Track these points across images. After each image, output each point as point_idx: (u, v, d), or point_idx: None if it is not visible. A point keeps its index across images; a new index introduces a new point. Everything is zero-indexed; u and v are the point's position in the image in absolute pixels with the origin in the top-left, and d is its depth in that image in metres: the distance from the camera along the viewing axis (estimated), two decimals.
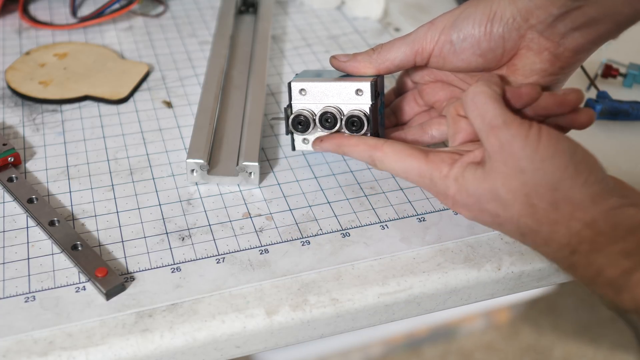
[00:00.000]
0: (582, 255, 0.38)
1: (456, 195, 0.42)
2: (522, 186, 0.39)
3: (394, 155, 0.45)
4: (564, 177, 0.38)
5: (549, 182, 0.39)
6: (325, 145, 0.49)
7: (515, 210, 0.40)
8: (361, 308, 0.43)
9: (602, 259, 0.37)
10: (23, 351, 0.39)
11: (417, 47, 0.47)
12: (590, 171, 0.39)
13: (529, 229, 0.40)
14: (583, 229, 0.38)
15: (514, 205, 0.40)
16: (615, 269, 0.36)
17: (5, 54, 0.66)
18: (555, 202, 0.39)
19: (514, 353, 1.40)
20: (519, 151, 0.39)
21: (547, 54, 0.45)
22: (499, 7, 0.45)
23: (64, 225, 0.46)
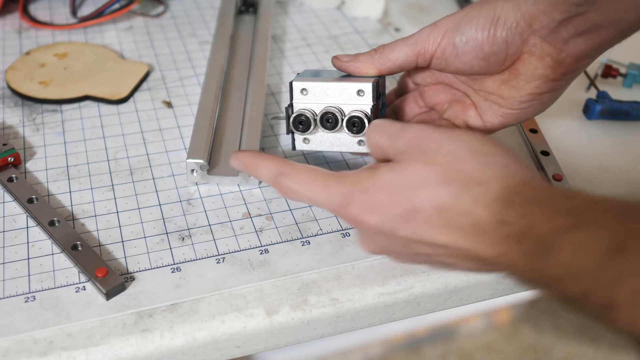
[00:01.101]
0: (515, 207, 0.35)
1: (366, 192, 0.39)
2: (445, 159, 0.38)
3: (303, 170, 0.41)
4: (489, 145, 0.38)
5: (469, 150, 0.38)
6: (238, 158, 0.45)
7: (436, 180, 0.37)
8: (361, 308, 0.43)
9: (537, 212, 0.34)
10: (23, 351, 0.39)
11: (419, 48, 0.47)
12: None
13: (450, 195, 0.36)
14: (516, 184, 0.36)
15: (435, 176, 0.37)
16: (547, 225, 0.33)
17: (5, 54, 0.66)
18: (481, 162, 0.37)
19: (514, 353, 1.40)
20: (433, 136, 0.39)
21: (549, 60, 0.45)
22: (503, 11, 0.45)
23: (64, 225, 0.46)
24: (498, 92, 0.47)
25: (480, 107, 0.49)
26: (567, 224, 0.33)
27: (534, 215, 0.34)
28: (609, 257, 0.31)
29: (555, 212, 0.33)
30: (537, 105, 0.47)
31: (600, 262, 0.31)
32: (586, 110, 0.59)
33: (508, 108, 0.47)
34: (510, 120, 0.48)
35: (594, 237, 0.31)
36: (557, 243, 0.32)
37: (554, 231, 0.33)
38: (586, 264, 0.31)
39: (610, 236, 0.31)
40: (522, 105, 0.47)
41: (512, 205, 0.35)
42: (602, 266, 0.31)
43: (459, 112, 0.50)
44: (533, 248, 0.33)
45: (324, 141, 0.50)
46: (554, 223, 0.33)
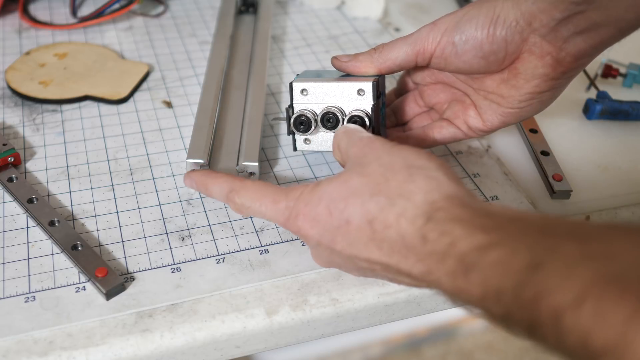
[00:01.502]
0: (437, 223, 0.34)
1: (308, 204, 0.40)
2: (379, 170, 0.38)
3: (253, 187, 0.43)
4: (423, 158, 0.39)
5: (402, 163, 0.38)
6: (191, 177, 0.47)
7: (367, 191, 0.38)
8: (361, 308, 0.43)
9: (459, 229, 0.33)
10: (23, 351, 0.39)
11: (418, 47, 0.47)
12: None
13: (378, 207, 0.37)
14: (441, 199, 0.36)
15: (366, 187, 0.38)
16: (469, 243, 0.32)
17: (5, 54, 0.66)
18: (411, 174, 0.37)
19: (514, 353, 1.40)
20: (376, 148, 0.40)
21: (549, 59, 0.45)
22: (503, 10, 0.45)
23: (64, 225, 0.46)
24: (498, 91, 0.47)
25: (480, 106, 0.49)
26: (486, 241, 0.32)
27: (454, 233, 0.34)
28: (527, 275, 0.30)
29: (475, 229, 0.33)
30: (537, 104, 0.47)
31: (519, 280, 0.30)
32: (586, 110, 0.59)
33: (508, 107, 0.47)
34: (510, 120, 0.48)
35: (512, 255, 0.31)
36: (477, 262, 0.32)
37: (474, 249, 0.32)
38: (506, 284, 0.30)
39: (530, 253, 0.30)
40: (521, 104, 0.47)
41: (432, 221, 0.35)
42: (521, 284, 0.30)
43: (458, 111, 0.50)
44: (455, 267, 0.33)
45: (324, 141, 0.50)
46: (473, 241, 0.33)
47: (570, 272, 0.28)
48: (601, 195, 0.52)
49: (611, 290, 0.27)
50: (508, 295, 0.30)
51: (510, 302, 0.30)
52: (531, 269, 0.30)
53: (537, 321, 0.29)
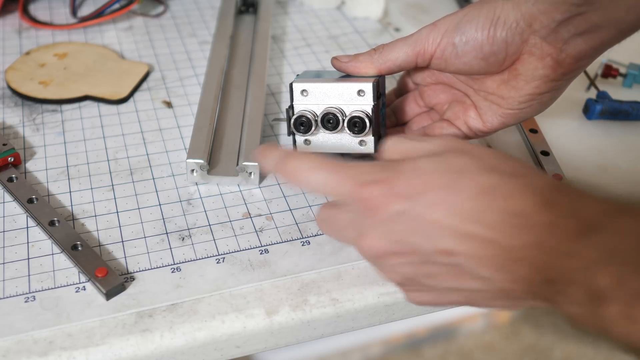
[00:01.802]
0: (563, 192, 0.34)
1: (399, 172, 0.36)
2: (484, 153, 0.37)
3: (313, 155, 0.40)
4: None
5: (503, 153, 0.37)
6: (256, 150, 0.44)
7: (477, 167, 0.36)
8: (361, 308, 0.43)
9: (586, 197, 0.33)
10: (23, 351, 0.39)
11: (418, 48, 0.47)
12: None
13: (491, 181, 0.35)
14: (559, 182, 0.35)
15: (476, 165, 0.36)
16: (595, 208, 0.32)
17: (5, 54, 0.66)
18: (521, 163, 0.36)
19: (514, 353, 1.40)
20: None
21: (549, 60, 0.45)
22: (503, 11, 0.45)
23: (64, 225, 0.46)
24: (498, 92, 0.47)
25: (480, 107, 0.49)
26: (612, 210, 0.32)
27: (581, 200, 0.33)
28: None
29: (601, 201, 0.33)
30: (537, 105, 0.47)
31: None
32: (586, 110, 0.59)
33: (507, 108, 0.47)
34: (509, 121, 0.48)
35: (638, 225, 0.31)
36: (602, 225, 0.31)
37: (601, 215, 0.32)
38: (627, 248, 0.30)
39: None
40: (521, 106, 0.47)
41: (558, 189, 0.34)
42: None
43: (459, 112, 0.50)
44: (576, 226, 0.32)
45: (325, 142, 0.50)
46: (601, 208, 0.32)
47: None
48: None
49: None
50: (627, 260, 0.30)
51: (626, 267, 0.30)
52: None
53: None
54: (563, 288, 0.32)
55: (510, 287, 0.35)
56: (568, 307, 0.33)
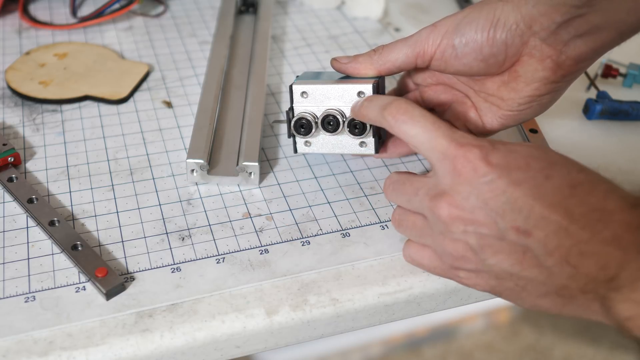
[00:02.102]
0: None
1: (495, 145, 0.37)
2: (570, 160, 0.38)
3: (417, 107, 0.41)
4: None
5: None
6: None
7: (573, 165, 0.37)
8: (361, 308, 0.43)
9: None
10: (23, 351, 0.39)
11: (418, 49, 0.47)
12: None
13: (587, 178, 0.36)
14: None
15: (568, 162, 0.37)
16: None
17: (5, 54, 0.66)
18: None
19: (514, 353, 1.40)
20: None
21: (549, 62, 0.45)
22: (503, 13, 0.44)
23: (64, 225, 0.46)
24: (498, 94, 0.47)
25: (481, 108, 0.49)
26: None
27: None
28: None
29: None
30: (537, 107, 0.47)
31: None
32: (586, 110, 0.59)
33: (507, 110, 0.47)
34: (509, 122, 0.48)
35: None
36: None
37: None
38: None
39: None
40: (521, 107, 0.47)
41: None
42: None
43: (459, 113, 0.50)
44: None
45: (325, 144, 0.50)
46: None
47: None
48: None
49: None
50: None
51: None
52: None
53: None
54: (623, 284, 0.33)
55: (569, 283, 0.35)
56: (622, 307, 0.33)
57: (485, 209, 0.37)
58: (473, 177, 0.37)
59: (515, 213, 0.36)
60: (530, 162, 0.37)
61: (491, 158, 0.37)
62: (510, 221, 0.36)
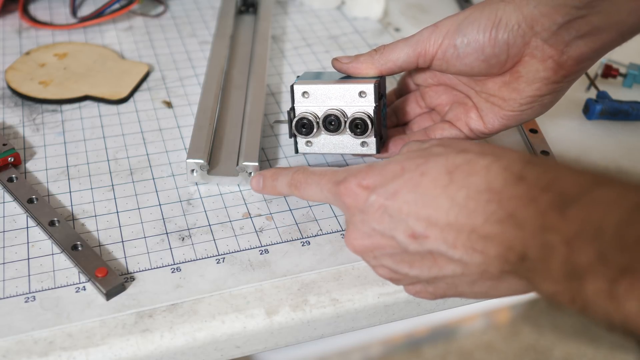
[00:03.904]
0: (537, 165, 0.33)
1: (369, 166, 0.39)
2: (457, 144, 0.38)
3: (314, 169, 0.44)
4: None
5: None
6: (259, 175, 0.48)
7: (450, 151, 0.37)
8: (361, 308, 0.43)
9: (564, 170, 0.32)
10: (23, 351, 0.39)
11: (419, 49, 0.47)
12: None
13: (465, 159, 0.35)
14: (534, 157, 0.35)
15: (449, 149, 0.37)
16: (574, 180, 0.31)
17: (5, 54, 0.66)
18: (493, 146, 0.37)
19: (514, 353, 1.40)
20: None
21: (550, 62, 0.45)
22: (505, 13, 0.45)
23: (64, 225, 0.46)
24: (499, 94, 0.47)
25: (482, 108, 0.49)
26: (593, 180, 0.31)
27: (558, 172, 0.32)
28: (637, 214, 0.27)
29: (581, 173, 0.31)
30: (538, 107, 0.47)
31: (626, 218, 0.28)
32: (586, 110, 0.59)
33: (509, 110, 0.47)
34: (510, 122, 0.48)
35: (621, 194, 0.29)
36: (580, 197, 0.30)
37: (578, 185, 0.30)
38: (609, 221, 0.28)
39: (636, 196, 0.29)
40: (522, 107, 0.47)
41: (531, 163, 0.33)
42: (628, 222, 0.28)
43: (460, 113, 0.50)
44: (551, 201, 0.31)
45: (326, 144, 0.50)
46: (579, 179, 0.31)
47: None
48: None
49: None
50: (608, 234, 0.28)
51: (607, 242, 0.28)
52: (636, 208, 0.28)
53: (634, 267, 0.27)
54: (540, 265, 0.31)
55: (486, 267, 0.34)
56: (545, 285, 0.31)
57: (378, 230, 0.38)
58: (357, 205, 0.39)
59: (404, 222, 0.36)
60: (405, 165, 0.37)
61: (366, 181, 0.38)
62: (404, 231, 0.36)
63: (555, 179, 0.32)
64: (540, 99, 0.47)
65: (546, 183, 0.32)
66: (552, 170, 0.33)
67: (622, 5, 0.43)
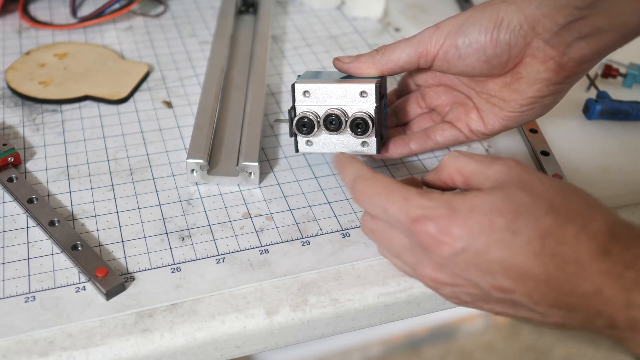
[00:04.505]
0: (622, 238, 0.34)
1: (455, 211, 0.36)
2: (549, 190, 0.36)
3: (382, 179, 0.40)
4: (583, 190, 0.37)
5: (569, 187, 0.37)
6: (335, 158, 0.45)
7: (541, 208, 0.35)
8: (361, 308, 0.43)
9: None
10: (23, 351, 0.39)
11: (421, 49, 0.47)
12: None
13: (556, 223, 0.35)
14: (621, 221, 0.35)
15: (539, 204, 0.35)
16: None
17: (5, 54, 0.66)
18: (586, 198, 0.36)
19: (514, 353, 1.40)
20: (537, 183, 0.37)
21: (552, 63, 0.45)
22: (506, 14, 0.44)
23: (64, 225, 0.46)
24: (500, 95, 0.47)
25: (482, 109, 0.49)
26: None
27: (637, 249, 0.33)
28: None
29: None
30: (539, 108, 0.47)
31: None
32: (586, 110, 0.59)
33: (509, 111, 0.47)
34: (511, 123, 0.48)
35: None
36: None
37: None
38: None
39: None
40: (523, 108, 0.47)
41: (617, 236, 0.34)
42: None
43: (461, 114, 0.50)
44: (635, 278, 0.32)
45: (327, 143, 0.50)
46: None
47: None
48: (601, 195, 0.51)
49: None
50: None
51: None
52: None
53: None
54: (630, 335, 0.33)
55: (566, 322, 0.35)
56: (637, 349, 0.33)
57: (462, 275, 0.37)
58: (439, 252, 0.37)
59: (492, 276, 0.36)
60: (494, 219, 0.35)
61: (451, 229, 0.36)
62: (489, 282, 0.36)
63: (636, 256, 0.33)
64: (541, 100, 0.46)
65: (630, 260, 0.33)
66: (634, 245, 0.34)
67: (624, 6, 0.43)
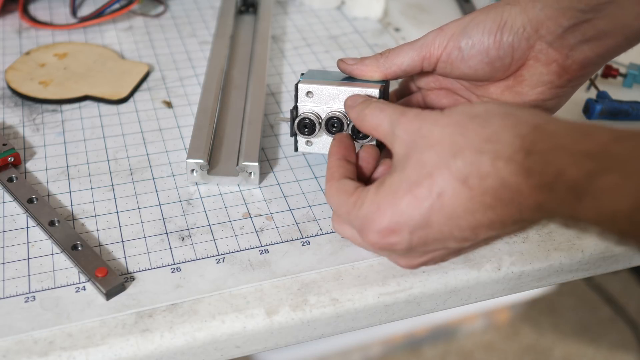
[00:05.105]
0: (538, 154, 0.34)
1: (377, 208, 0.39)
2: (446, 131, 0.38)
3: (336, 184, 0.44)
4: (481, 104, 0.38)
5: (465, 115, 0.38)
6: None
7: (447, 155, 0.36)
8: (361, 308, 0.43)
9: (563, 158, 0.33)
10: (23, 351, 0.39)
11: (424, 52, 0.47)
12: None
13: (466, 162, 0.36)
14: (530, 131, 0.34)
15: (441, 154, 0.37)
16: (578, 169, 0.32)
17: (5, 54, 0.66)
18: (484, 120, 0.37)
19: (514, 353, 1.40)
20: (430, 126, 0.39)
21: (555, 66, 0.45)
22: (510, 16, 0.44)
23: (64, 225, 0.46)
24: (502, 98, 0.47)
25: None
26: (595, 167, 0.32)
27: (559, 161, 0.33)
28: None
29: (581, 156, 0.32)
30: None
31: (635, 204, 0.30)
32: (586, 110, 0.59)
33: None
34: None
35: (625, 179, 0.31)
36: (589, 188, 0.31)
37: (583, 176, 0.32)
38: (621, 207, 0.31)
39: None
40: None
41: (532, 153, 0.34)
42: (637, 208, 0.30)
43: None
44: (566, 195, 0.32)
45: (327, 144, 0.50)
46: (582, 168, 0.32)
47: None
48: None
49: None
50: (623, 218, 0.31)
51: (626, 224, 0.31)
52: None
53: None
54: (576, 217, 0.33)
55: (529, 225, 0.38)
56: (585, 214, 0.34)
57: (430, 249, 0.40)
58: (396, 250, 0.40)
59: (451, 236, 0.38)
60: (415, 192, 0.37)
61: (389, 225, 0.39)
62: (455, 240, 0.39)
63: (561, 170, 0.33)
64: (544, 103, 0.46)
65: (554, 178, 0.33)
66: (552, 160, 0.33)
67: (628, 9, 0.43)
